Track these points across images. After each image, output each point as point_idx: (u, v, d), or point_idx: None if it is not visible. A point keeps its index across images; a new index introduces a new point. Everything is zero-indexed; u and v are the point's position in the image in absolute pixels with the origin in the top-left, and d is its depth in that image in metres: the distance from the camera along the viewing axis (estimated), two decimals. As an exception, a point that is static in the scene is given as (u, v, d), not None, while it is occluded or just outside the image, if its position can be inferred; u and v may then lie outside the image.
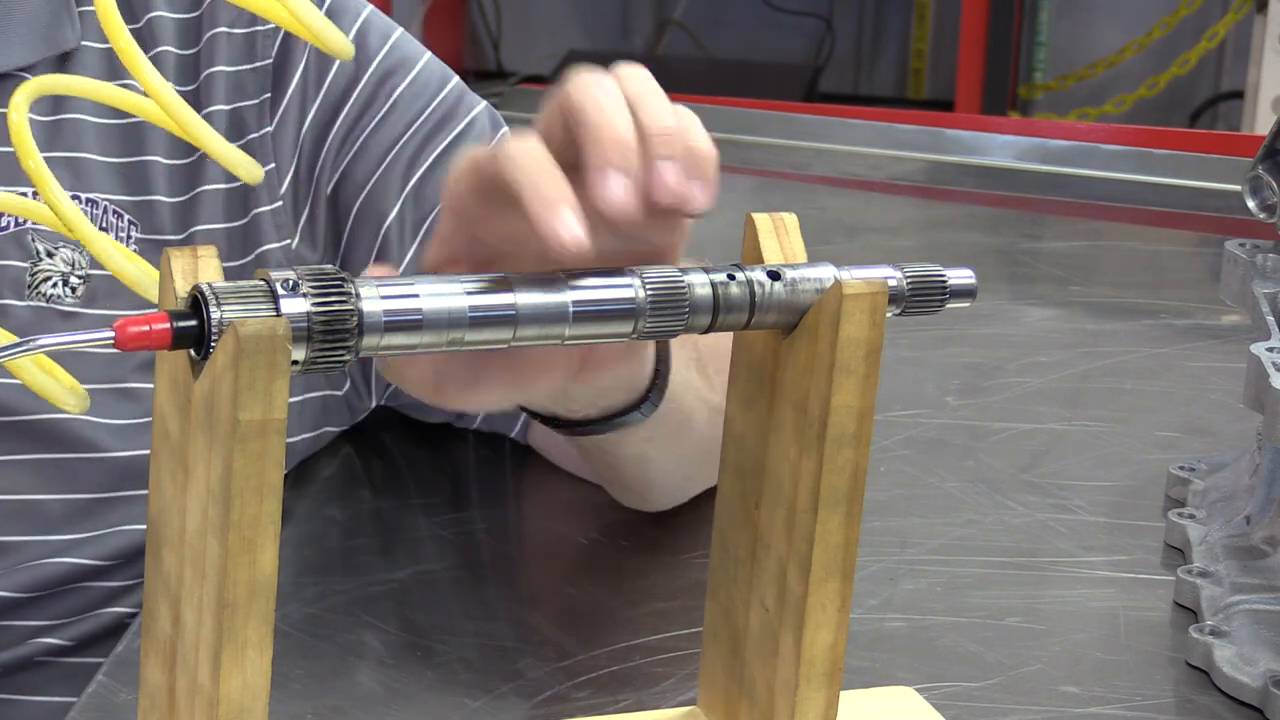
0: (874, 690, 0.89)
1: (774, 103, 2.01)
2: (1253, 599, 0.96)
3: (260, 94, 1.06)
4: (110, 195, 1.04)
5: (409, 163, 1.07)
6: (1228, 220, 1.68)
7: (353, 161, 1.07)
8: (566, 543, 1.08)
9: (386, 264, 1.07)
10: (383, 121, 1.08)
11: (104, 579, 1.06)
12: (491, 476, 1.15)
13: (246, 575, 0.66)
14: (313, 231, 1.07)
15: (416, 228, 1.07)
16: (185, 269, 0.68)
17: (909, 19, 4.52)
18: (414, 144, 1.08)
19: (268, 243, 1.06)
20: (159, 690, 0.72)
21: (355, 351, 0.69)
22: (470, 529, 1.09)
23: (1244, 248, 1.05)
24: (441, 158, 1.08)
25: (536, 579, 1.05)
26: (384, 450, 1.18)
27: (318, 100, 1.07)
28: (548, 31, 4.56)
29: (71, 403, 0.75)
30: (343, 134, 1.07)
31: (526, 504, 1.11)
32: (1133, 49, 4.22)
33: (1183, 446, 1.19)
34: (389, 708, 0.89)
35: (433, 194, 1.07)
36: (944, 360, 1.33)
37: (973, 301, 0.79)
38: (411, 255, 1.07)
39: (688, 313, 0.73)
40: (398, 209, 1.07)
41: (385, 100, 1.08)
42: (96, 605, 1.07)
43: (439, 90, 1.10)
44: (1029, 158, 1.80)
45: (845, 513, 0.75)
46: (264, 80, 1.07)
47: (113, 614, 1.07)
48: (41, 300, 1.03)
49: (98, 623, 1.07)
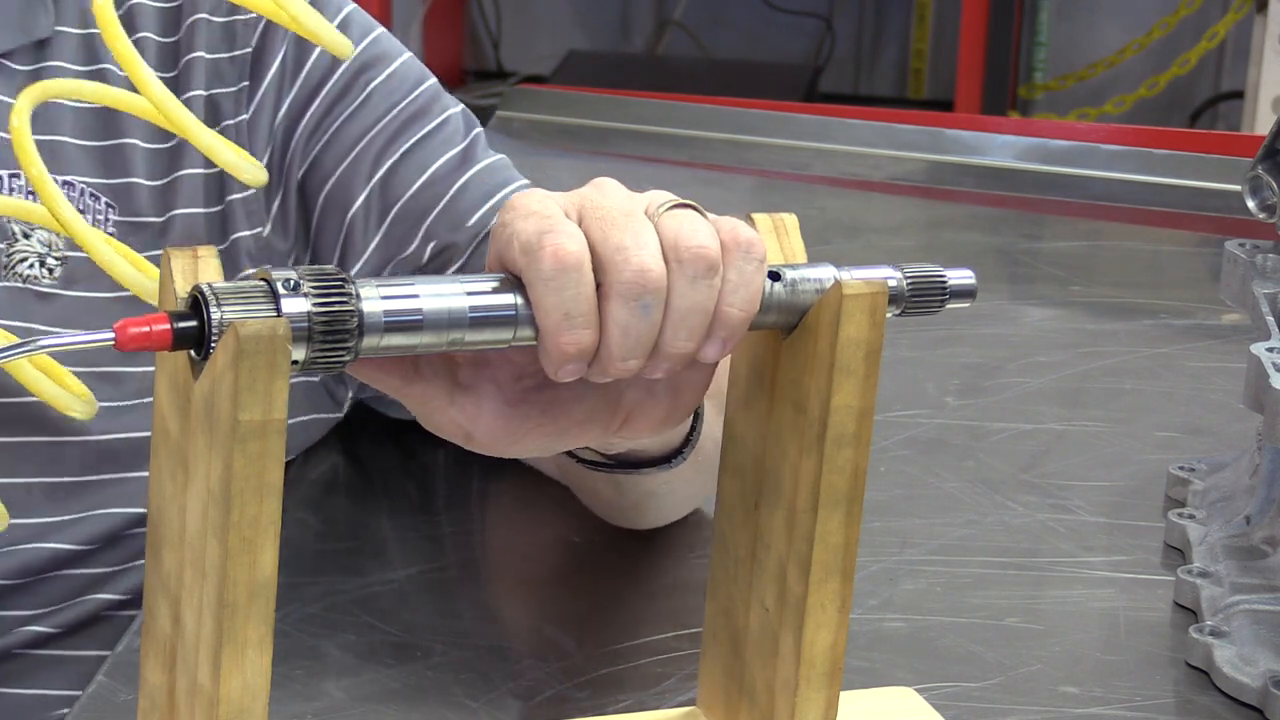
0: (874, 690, 0.89)
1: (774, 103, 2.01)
2: (1253, 599, 0.96)
3: (238, 82, 1.07)
4: (87, 178, 1.05)
5: (378, 154, 1.08)
6: (1228, 220, 1.67)
7: (323, 151, 1.08)
8: (565, 543, 1.08)
9: (352, 253, 1.08)
10: (355, 113, 1.08)
11: (85, 565, 1.06)
12: (491, 476, 1.15)
13: (246, 575, 0.66)
14: (284, 220, 1.08)
15: (381, 217, 1.08)
16: (185, 269, 0.68)
17: (909, 19, 4.52)
18: (384, 136, 1.08)
19: (240, 230, 1.07)
20: (159, 690, 0.72)
21: (355, 352, 0.69)
22: (470, 529, 1.09)
23: (1244, 248, 1.05)
24: (411, 151, 1.09)
25: (536, 579, 1.05)
26: (380, 450, 1.18)
27: (293, 90, 1.08)
28: (548, 31, 4.56)
29: (78, 409, 0.75)
30: (314, 123, 1.08)
31: (524, 503, 1.11)
32: (1133, 49, 4.22)
33: (1183, 446, 1.19)
34: (389, 708, 0.89)
35: (399, 186, 1.08)
36: (944, 360, 1.33)
37: (973, 302, 0.79)
38: (375, 245, 1.08)
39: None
40: (364, 198, 1.08)
41: (360, 92, 1.08)
42: (78, 592, 1.07)
43: (414, 88, 1.10)
44: (1029, 158, 1.80)
45: (845, 513, 0.75)
46: (242, 68, 1.07)
47: (95, 600, 1.07)
48: (18, 281, 1.03)
49: (81, 610, 1.07)
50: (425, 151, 1.08)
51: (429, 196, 1.07)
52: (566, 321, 0.71)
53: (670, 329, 0.72)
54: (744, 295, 0.73)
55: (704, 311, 0.72)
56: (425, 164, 1.08)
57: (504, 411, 0.77)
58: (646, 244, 0.72)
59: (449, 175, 1.08)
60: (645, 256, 0.71)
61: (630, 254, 0.71)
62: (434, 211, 1.07)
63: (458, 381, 0.77)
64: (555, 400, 0.77)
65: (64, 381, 0.76)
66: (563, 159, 1.87)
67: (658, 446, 0.91)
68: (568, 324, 0.71)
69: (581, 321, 0.71)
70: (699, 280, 0.72)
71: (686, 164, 1.81)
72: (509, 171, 1.11)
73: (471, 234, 1.07)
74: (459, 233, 1.07)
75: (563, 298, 0.71)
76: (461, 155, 1.09)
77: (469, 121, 1.12)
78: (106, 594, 1.07)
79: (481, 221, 1.07)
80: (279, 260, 1.07)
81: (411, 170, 1.08)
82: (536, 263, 0.71)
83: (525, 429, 0.77)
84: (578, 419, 0.78)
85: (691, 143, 1.85)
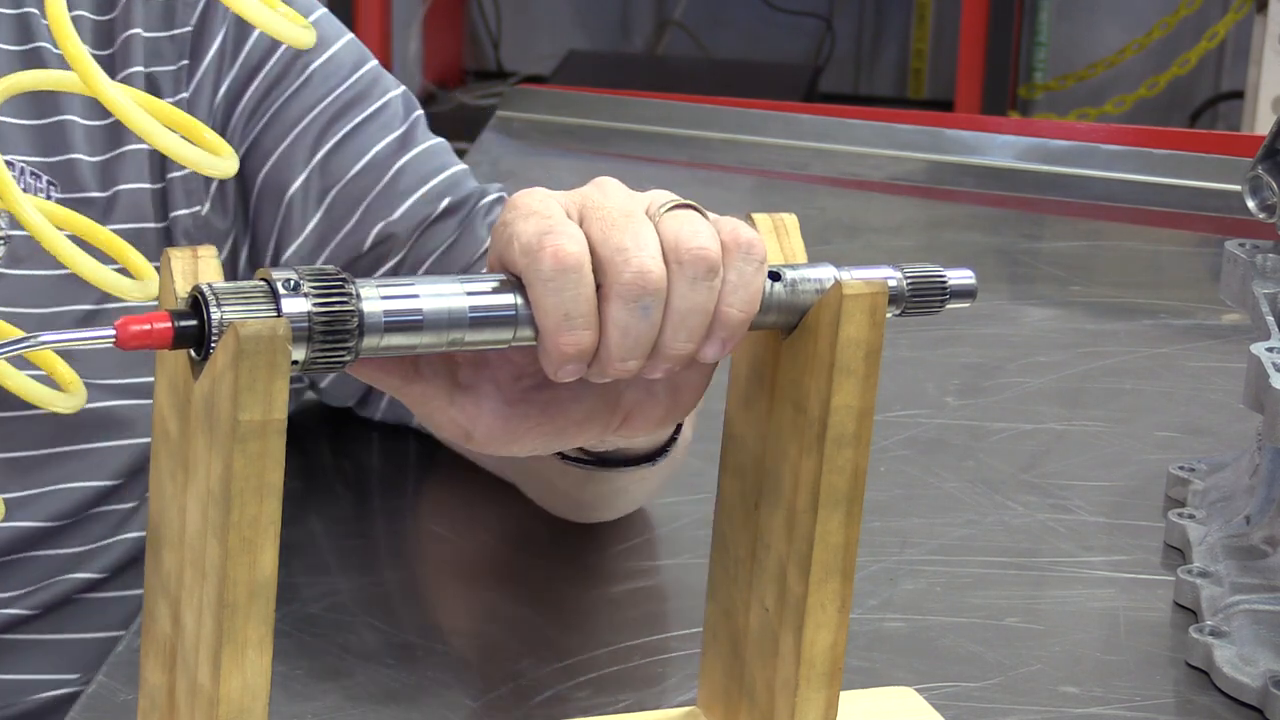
0: (874, 690, 0.89)
1: (774, 103, 2.00)
2: (1253, 599, 0.96)
3: (178, 60, 1.08)
4: (26, 157, 1.05)
5: (318, 136, 1.09)
6: (1228, 220, 1.67)
7: (262, 132, 1.09)
8: (563, 543, 1.08)
9: (290, 233, 1.08)
10: (295, 95, 1.09)
11: (55, 544, 1.05)
12: (489, 476, 1.15)
13: (246, 575, 0.66)
14: (223, 199, 1.08)
15: (320, 197, 1.08)
16: (185, 269, 0.68)
17: (909, 19, 4.51)
18: (324, 118, 1.09)
19: (180, 209, 1.07)
20: (159, 690, 0.72)
21: (355, 352, 0.69)
22: (468, 528, 1.09)
23: (1244, 248, 1.05)
24: (351, 135, 1.09)
25: (536, 579, 1.05)
26: (381, 450, 1.18)
27: (233, 70, 1.08)
28: (548, 31, 4.56)
29: (62, 404, 0.75)
30: (253, 104, 1.09)
31: (521, 502, 1.11)
32: (1133, 49, 4.22)
33: (1183, 446, 1.19)
34: (389, 708, 0.89)
35: (339, 168, 1.09)
36: (944, 360, 1.33)
37: (973, 302, 0.79)
38: (314, 225, 1.08)
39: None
40: (303, 179, 1.08)
41: (299, 75, 1.09)
42: (52, 573, 1.06)
43: (354, 70, 1.11)
44: (1029, 158, 1.80)
45: (845, 513, 0.75)
46: (182, 47, 1.08)
47: (71, 581, 1.07)
48: None
49: (57, 591, 1.06)
50: (365, 135, 1.09)
51: (368, 179, 1.08)
52: (566, 322, 0.71)
53: (670, 330, 0.72)
54: (744, 296, 0.73)
55: (704, 313, 0.72)
56: (365, 148, 1.09)
57: (503, 411, 0.77)
58: (647, 245, 0.72)
59: (388, 159, 1.09)
60: (645, 258, 0.71)
61: (630, 255, 0.71)
62: (372, 193, 1.08)
63: (458, 381, 0.77)
64: (555, 400, 0.77)
65: (55, 370, 0.76)
66: (563, 159, 1.87)
67: (644, 444, 0.91)
68: (567, 325, 0.71)
69: (581, 322, 0.71)
70: (699, 282, 0.72)
71: (686, 164, 1.81)
72: (448, 155, 1.12)
73: (411, 225, 1.08)
74: (398, 220, 1.08)
75: (562, 298, 0.71)
76: (401, 139, 1.10)
77: (409, 104, 1.13)
78: (82, 573, 1.07)
79: (416, 207, 1.08)
80: (217, 239, 1.08)
81: (351, 153, 1.09)
82: (536, 263, 0.71)
83: (525, 429, 0.77)
84: (577, 419, 0.78)
85: (691, 143, 1.85)
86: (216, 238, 1.08)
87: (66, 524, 1.06)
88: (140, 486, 1.08)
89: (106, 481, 1.06)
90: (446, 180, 1.10)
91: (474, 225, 1.09)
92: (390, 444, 1.18)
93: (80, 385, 0.76)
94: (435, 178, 1.09)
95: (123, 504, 1.08)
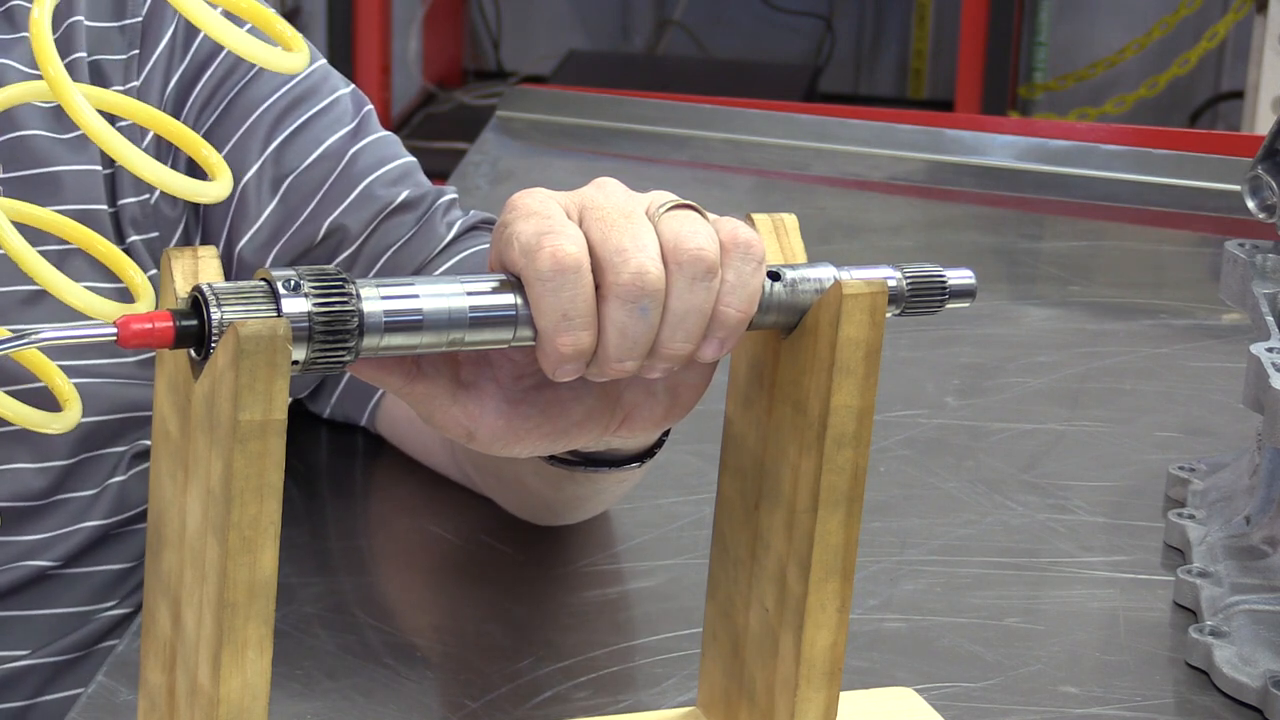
0: (874, 690, 0.89)
1: (774, 103, 2.00)
2: (1253, 599, 0.96)
3: (128, 50, 1.08)
4: None
5: (270, 127, 1.09)
6: (1228, 220, 1.67)
7: (216, 123, 1.09)
8: (564, 543, 1.08)
9: (244, 222, 1.09)
10: (246, 88, 1.10)
11: (8, 533, 1.05)
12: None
13: (246, 575, 0.66)
14: None
15: (275, 185, 1.09)
16: (185, 269, 0.68)
17: (909, 19, 4.51)
18: (275, 110, 1.10)
19: (127, 197, 1.07)
20: (159, 690, 0.72)
21: (356, 352, 0.69)
22: (468, 528, 1.09)
23: (1244, 248, 1.05)
24: (305, 126, 1.10)
25: (535, 579, 1.05)
26: (377, 449, 1.18)
27: (184, 63, 1.09)
28: (548, 31, 4.56)
29: (55, 426, 0.74)
30: (205, 96, 1.09)
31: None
32: (1133, 49, 4.22)
33: (1183, 446, 1.19)
34: (389, 708, 0.89)
35: (293, 158, 1.09)
36: (944, 360, 1.33)
37: (973, 302, 0.79)
38: (269, 213, 1.09)
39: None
40: (257, 167, 1.09)
41: (250, 68, 1.10)
42: (11, 560, 1.05)
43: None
44: (1029, 158, 1.80)
45: (845, 513, 0.75)
46: (132, 38, 1.08)
47: (29, 568, 1.06)
48: None
49: (15, 575, 1.06)
50: (318, 128, 1.10)
51: (322, 169, 1.09)
52: (565, 322, 0.71)
53: (668, 330, 0.73)
54: (742, 296, 0.73)
55: (702, 313, 0.73)
56: (319, 139, 1.10)
57: (505, 410, 0.77)
58: (645, 246, 0.72)
59: (341, 149, 1.10)
60: (644, 259, 0.72)
61: (629, 256, 0.71)
62: (327, 183, 1.09)
63: (460, 380, 0.77)
64: (555, 400, 0.77)
65: (53, 380, 0.75)
66: (563, 159, 1.87)
67: (634, 444, 0.91)
68: (566, 325, 0.71)
69: (580, 323, 0.72)
70: (697, 282, 0.72)
71: (686, 164, 1.81)
72: (398, 147, 1.13)
73: (367, 216, 1.09)
74: (351, 207, 1.08)
75: (561, 299, 0.71)
76: (352, 132, 1.11)
77: (358, 101, 1.14)
78: (40, 560, 1.06)
79: (369, 191, 1.09)
80: (166, 227, 1.08)
81: (304, 144, 1.10)
82: (535, 264, 0.71)
83: (526, 428, 0.77)
84: (577, 418, 0.78)
85: (691, 143, 1.85)
86: (166, 226, 1.08)
87: (21, 506, 1.04)
88: (95, 473, 1.06)
89: (55, 462, 1.04)
90: (398, 168, 1.11)
91: (433, 222, 1.10)
92: (389, 445, 1.18)
93: (77, 400, 0.75)
94: (388, 164, 1.11)
95: (80, 492, 1.06)
